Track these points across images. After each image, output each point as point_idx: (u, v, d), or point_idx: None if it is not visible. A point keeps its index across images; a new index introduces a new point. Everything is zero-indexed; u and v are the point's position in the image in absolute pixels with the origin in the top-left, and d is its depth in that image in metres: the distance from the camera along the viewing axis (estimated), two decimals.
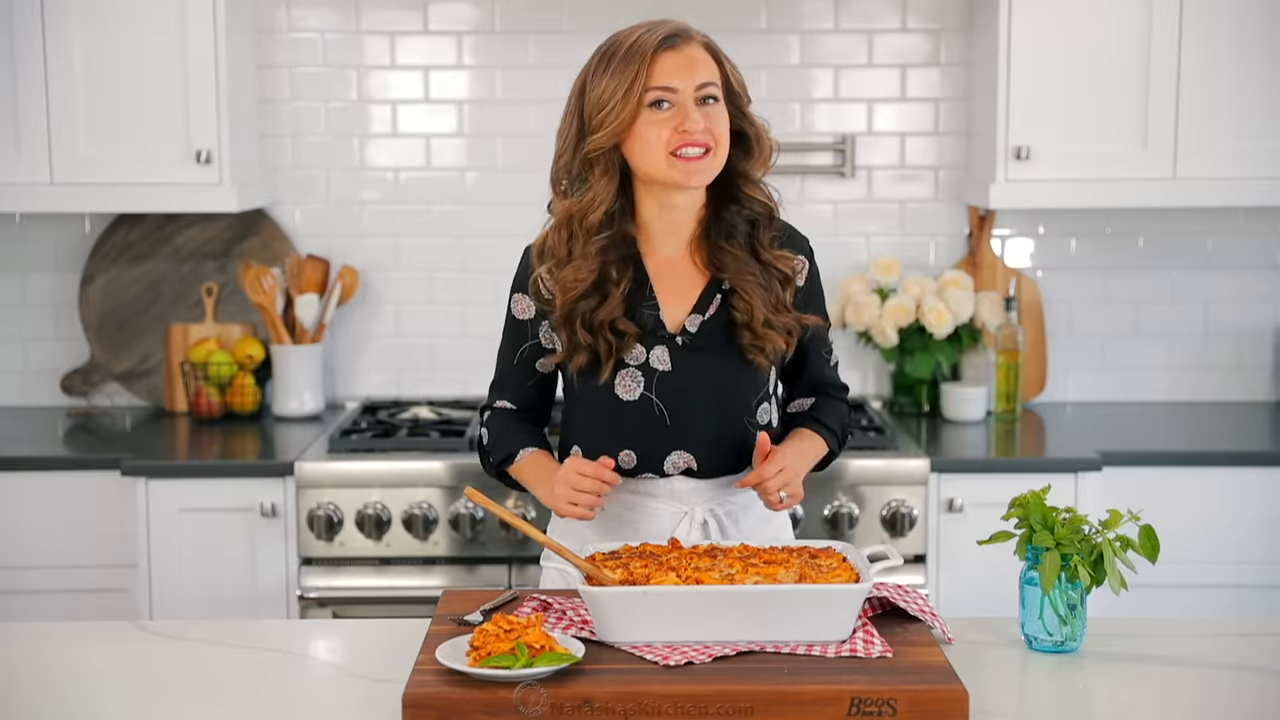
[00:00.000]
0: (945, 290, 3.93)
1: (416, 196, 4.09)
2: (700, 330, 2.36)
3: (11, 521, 3.52)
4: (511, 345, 2.46)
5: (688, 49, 2.28)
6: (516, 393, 2.48)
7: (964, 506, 3.46)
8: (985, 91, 3.85)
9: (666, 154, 2.27)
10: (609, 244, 2.33)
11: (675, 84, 2.26)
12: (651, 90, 2.26)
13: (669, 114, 2.27)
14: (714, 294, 2.37)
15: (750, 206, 2.37)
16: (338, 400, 4.13)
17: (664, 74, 2.26)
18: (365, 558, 3.46)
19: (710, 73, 2.29)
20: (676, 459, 2.37)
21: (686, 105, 2.26)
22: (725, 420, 2.37)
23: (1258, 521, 3.53)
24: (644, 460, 2.38)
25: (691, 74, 2.27)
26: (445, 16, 4.04)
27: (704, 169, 2.29)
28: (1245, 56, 3.66)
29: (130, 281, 4.07)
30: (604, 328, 2.32)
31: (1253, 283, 4.11)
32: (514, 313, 2.45)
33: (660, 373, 2.35)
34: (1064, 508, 2.19)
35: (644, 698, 1.89)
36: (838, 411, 2.51)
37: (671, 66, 2.26)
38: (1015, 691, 2.08)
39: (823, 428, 2.47)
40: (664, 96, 2.26)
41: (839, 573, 2.11)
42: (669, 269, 2.38)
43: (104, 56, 3.67)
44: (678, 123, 2.26)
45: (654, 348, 2.35)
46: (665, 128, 2.26)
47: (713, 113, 2.29)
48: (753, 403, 2.39)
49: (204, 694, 2.05)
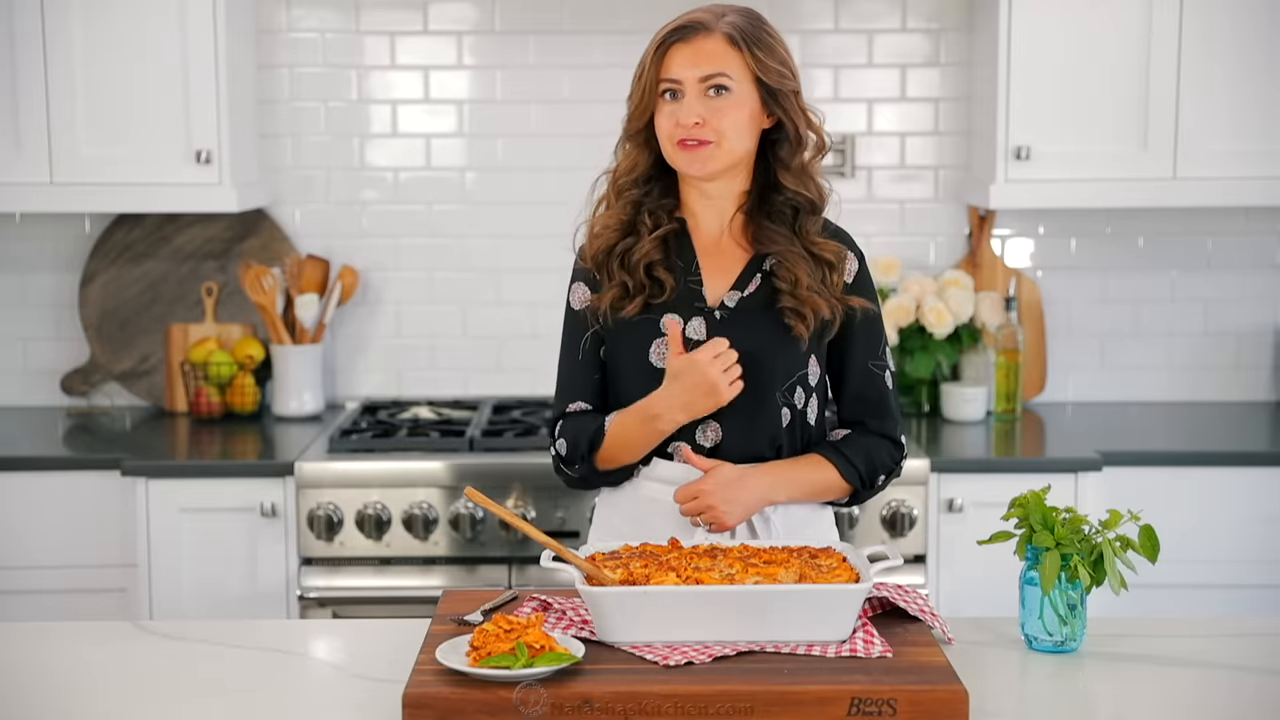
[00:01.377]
0: (945, 290, 3.93)
1: (416, 196, 4.09)
2: (738, 306, 2.36)
3: (11, 521, 3.52)
4: (573, 339, 2.44)
5: (699, 40, 2.30)
6: (586, 389, 2.43)
7: (964, 506, 3.47)
8: (985, 91, 3.85)
9: (672, 144, 2.32)
10: (643, 198, 2.38)
11: (679, 75, 2.30)
12: (661, 82, 2.31)
13: (676, 105, 2.31)
14: (754, 273, 2.38)
15: (792, 197, 2.36)
16: (338, 400, 4.13)
17: (670, 66, 2.30)
18: (365, 558, 3.46)
19: (722, 63, 2.29)
20: (708, 429, 2.36)
21: (688, 97, 2.29)
22: (755, 394, 2.34)
23: (1257, 521, 3.53)
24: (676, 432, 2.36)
25: (696, 65, 2.29)
26: (445, 16, 4.04)
27: (703, 159, 2.31)
28: (1245, 57, 3.66)
29: (130, 281, 4.07)
30: (639, 269, 2.35)
31: (1253, 283, 4.11)
32: (571, 304, 2.44)
33: (694, 342, 2.35)
34: (1064, 508, 2.19)
35: (644, 698, 1.89)
36: (868, 447, 2.39)
37: (678, 59, 2.30)
38: (1015, 691, 2.08)
39: (839, 457, 2.38)
40: (671, 88, 2.31)
41: (839, 573, 2.11)
42: (714, 247, 2.40)
43: (104, 56, 3.67)
44: (677, 115, 2.30)
45: (692, 319, 2.36)
46: (670, 119, 2.31)
47: (720, 104, 2.29)
48: (786, 382, 2.36)
49: (204, 694, 2.05)
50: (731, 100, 2.30)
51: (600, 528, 2.49)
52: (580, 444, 2.39)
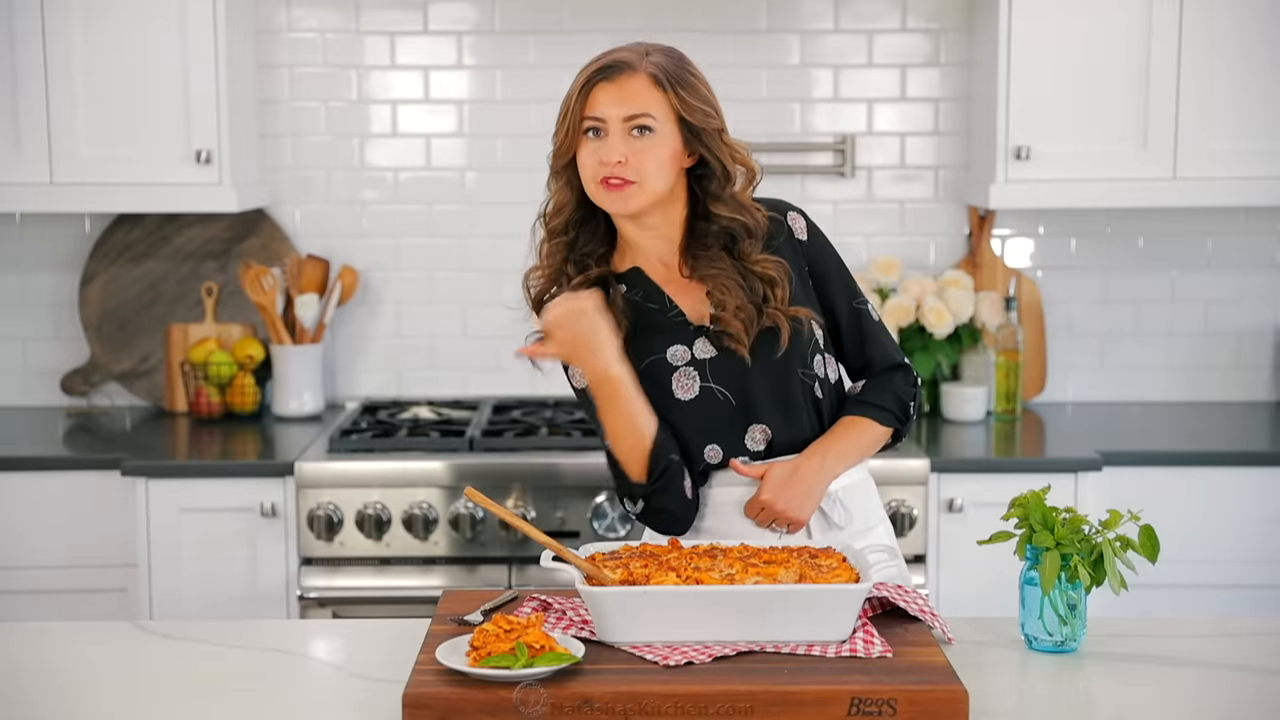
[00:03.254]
0: (945, 290, 3.93)
1: (416, 196, 4.09)
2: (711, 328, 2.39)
3: (11, 521, 3.52)
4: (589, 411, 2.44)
5: (624, 80, 2.29)
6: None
7: (964, 506, 3.47)
8: (985, 91, 3.85)
9: (595, 183, 2.32)
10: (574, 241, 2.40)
11: (602, 115, 2.29)
12: (585, 120, 2.31)
13: (599, 143, 2.31)
14: None
15: (724, 225, 2.36)
16: (338, 400, 4.13)
17: (594, 104, 2.30)
18: (365, 558, 3.46)
19: (645, 104, 2.29)
20: (755, 433, 2.38)
21: (612, 136, 2.29)
22: (782, 381, 2.36)
23: (1257, 521, 3.53)
24: (728, 448, 2.38)
25: (620, 105, 2.29)
26: (445, 16, 4.04)
27: (626, 198, 2.31)
28: (1245, 56, 3.66)
29: (130, 281, 4.07)
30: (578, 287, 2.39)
31: (1253, 283, 4.11)
32: (572, 385, 2.46)
33: (709, 359, 2.36)
34: (1064, 508, 2.19)
35: (644, 698, 1.89)
36: (888, 386, 2.45)
37: (602, 98, 2.29)
38: (1015, 691, 2.08)
39: (870, 408, 2.43)
40: (595, 125, 2.31)
41: (839, 573, 2.11)
42: (673, 275, 2.41)
43: (104, 56, 3.67)
44: (600, 154, 2.30)
45: (695, 341, 2.37)
46: (593, 157, 2.31)
47: (643, 145, 2.29)
48: (801, 356, 2.37)
49: (204, 694, 2.05)
50: (654, 140, 2.30)
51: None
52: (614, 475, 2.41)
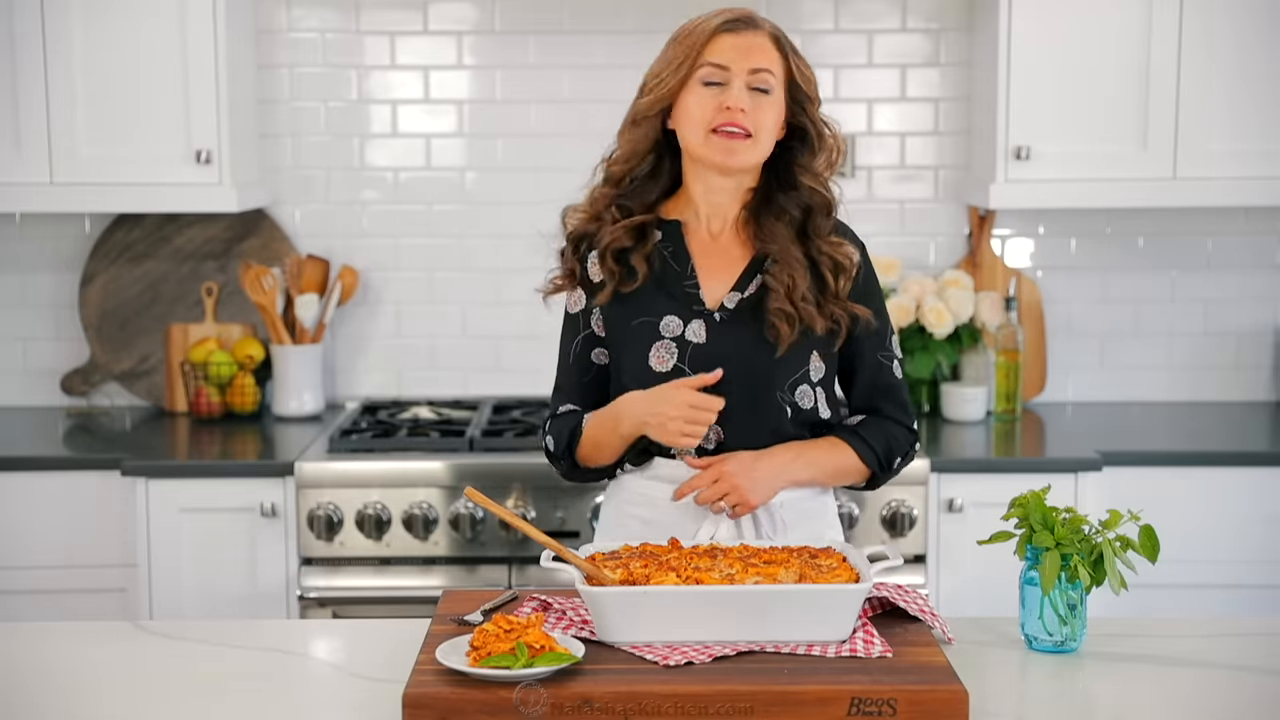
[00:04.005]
0: (945, 290, 3.93)
1: (416, 196, 4.09)
2: (738, 307, 2.37)
3: (11, 521, 3.52)
4: (567, 342, 2.47)
5: (750, 35, 2.31)
6: (576, 392, 2.46)
7: (964, 506, 3.47)
8: (985, 91, 3.85)
9: (706, 131, 2.30)
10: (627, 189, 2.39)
11: (728, 62, 2.29)
12: (705, 65, 2.30)
13: (716, 92, 2.30)
14: (755, 273, 2.38)
15: (807, 195, 2.37)
16: (338, 400, 4.13)
17: (719, 51, 2.30)
18: (365, 558, 3.46)
19: (768, 61, 2.31)
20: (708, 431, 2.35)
21: (735, 85, 2.29)
22: (756, 395, 2.35)
23: (1257, 521, 3.53)
24: None
25: (747, 58, 2.29)
26: (445, 16, 4.04)
27: (741, 151, 2.30)
28: (1245, 57, 3.66)
29: (130, 281, 4.07)
30: (606, 255, 2.37)
31: (1253, 283, 4.11)
32: (568, 308, 2.46)
33: (694, 345, 2.36)
34: (1064, 508, 2.19)
35: (644, 698, 1.89)
36: (885, 431, 2.41)
37: (728, 46, 2.30)
38: (1015, 691, 2.08)
39: (858, 440, 2.40)
40: (715, 75, 2.30)
41: (839, 573, 2.11)
42: (713, 246, 2.41)
43: (104, 56, 3.67)
44: (723, 100, 2.28)
45: (691, 321, 2.37)
46: (710, 104, 2.29)
47: (762, 102, 2.30)
48: (786, 381, 2.36)
49: (204, 694, 2.05)
50: (771, 100, 2.32)
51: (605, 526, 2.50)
52: (561, 441, 2.43)
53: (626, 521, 2.44)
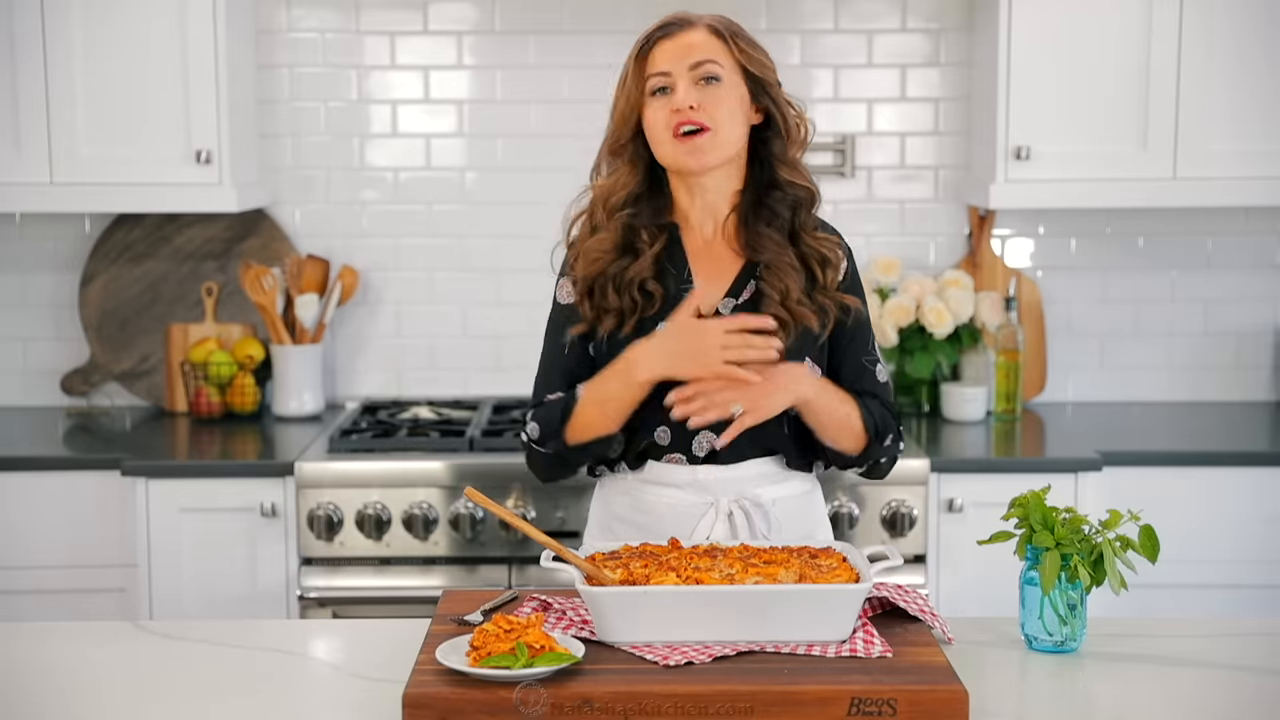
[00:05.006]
0: (945, 290, 3.93)
1: (416, 196, 4.09)
2: (732, 313, 2.36)
3: (11, 521, 3.52)
4: (556, 333, 2.43)
5: (685, 34, 2.33)
6: (564, 384, 2.40)
7: (964, 506, 3.47)
8: (985, 91, 3.85)
9: (670, 138, 2.31)
10: (635, 216, 2.36)
11: (668, 67, 2.31)
12: (650, 77, 2.32)
13: (668, 98, 2.31)
14: (748, 279, 2.38)
15: (791, 191, 2.37)
16: (338, 400, 4.13)
17: (659, 60, 2.32)
18: (365, 558, 3.46)
19: (709, 51, 2.32)
20: (703, 439, 2.36)
21: (680, 87, 2.30)
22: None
23: (1257, 521, 3.53)
24: (676, 438, 2.36)
25: (686, 56, 2.31)
26: (445, 16, 4.04)
27: (705, 147, 2.31)
28: (1245, 57, 3.66)
29: (130, 281, 4.07)
30: (631, 286, 2.34)
31: (1253, 283, 4.11)
32: (558, 298, 2.43)
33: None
34: (1064, 508, 2.19)
35: (644, 698, 1.89)
36: (879, 412, 2.40)
37: (666, 51, 2.32)
38: (1015, 691, 2.08)
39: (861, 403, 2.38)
40: (661, 82, 2.32)
41: (839, 573, 2.11)
42: (707, 251, 2.41)
43: (104, 56, 3.67)
44: (671, 104, 2.31)
45: None
46: (662, 112, 2.31)
47: (712, 93, 2.31)
48: None
49: (204, 694, 2.05)
50: (723, 89, 2.32)
51: (595, 526, 2.50)
52: (553, 419, 2.36)
53: (614, 525, 2.43)
